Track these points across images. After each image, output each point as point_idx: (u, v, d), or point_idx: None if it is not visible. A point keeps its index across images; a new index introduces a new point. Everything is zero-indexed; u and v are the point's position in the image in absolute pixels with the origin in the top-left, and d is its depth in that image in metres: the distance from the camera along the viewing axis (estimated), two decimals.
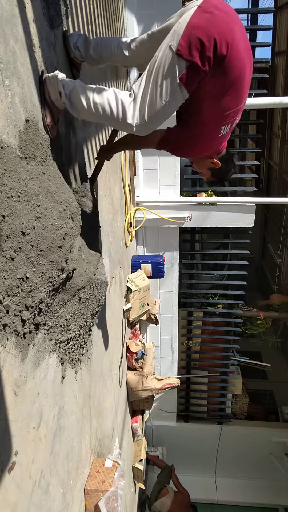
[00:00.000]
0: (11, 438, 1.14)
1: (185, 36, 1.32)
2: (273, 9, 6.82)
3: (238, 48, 1.35)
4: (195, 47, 1.31)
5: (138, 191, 3.95)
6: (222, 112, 1.46)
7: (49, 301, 1.34)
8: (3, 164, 1.05)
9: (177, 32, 1.35)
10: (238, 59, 1.36)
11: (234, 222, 4.06)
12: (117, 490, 2.02)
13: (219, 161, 1.70)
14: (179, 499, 4.46)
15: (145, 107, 1.43)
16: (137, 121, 1.46)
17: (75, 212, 1.47)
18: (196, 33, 1.31)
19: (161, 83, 1.38)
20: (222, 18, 1.33)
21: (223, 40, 1.31)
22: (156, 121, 1.47)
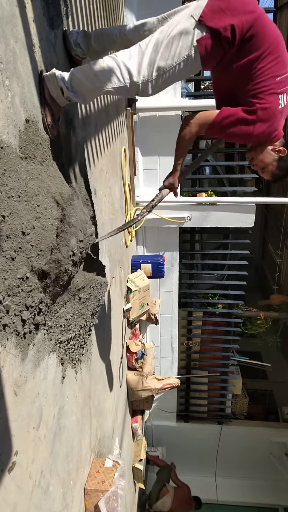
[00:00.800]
0: (11, 438, 1.14)
1: (209, 5, 1.32)
2: (273, 9, 6.83)
3: (265, 19, 1.34)
4: (218, 16, 1.30)
5: (138, 191, 3.95)
6: (273, 78, 1.36)
7: (49, 301, 1.34)
8: (3, 164, 1.05)
9: (201, 5, 1.34)
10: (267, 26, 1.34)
11: (234, 222, 4.06)
12: (117, 490, 2.02)
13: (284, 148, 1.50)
14: (179, 495, 4.49)
15: (154, 63, 1.37)
16: (143, 78, 1.39)
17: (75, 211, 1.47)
18: (220, 4, 1.31)
19: (177, 44, 1.34)
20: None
21: (248, 10, 1.31)
22: (164, 81, 1.41)
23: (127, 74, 1.39)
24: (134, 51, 1.40)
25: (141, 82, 1.39)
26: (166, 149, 3.80)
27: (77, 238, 1.46)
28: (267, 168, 1.55)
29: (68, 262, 1.39)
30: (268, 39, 1.34)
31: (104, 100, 2.50)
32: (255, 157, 1.56)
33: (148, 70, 1.38)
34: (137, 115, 3.59)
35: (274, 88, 1.37)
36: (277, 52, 1.35)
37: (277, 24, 7.76)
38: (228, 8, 1.31)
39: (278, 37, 1.38)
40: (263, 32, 1.32)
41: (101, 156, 2.43)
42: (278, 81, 1.36)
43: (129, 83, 1.40)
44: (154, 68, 1.37)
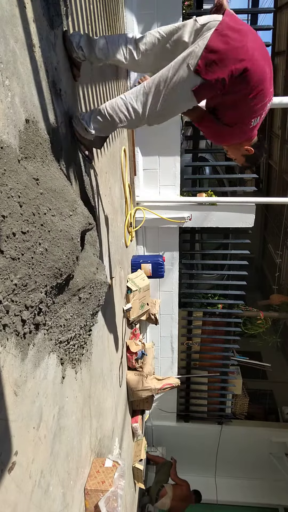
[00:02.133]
0: (11, 438, 1.14)
1: (203, 58, 1.50)
2: (273, 9, 6.83)
3: (255, 59, 1.51)
4: (211, 69, 1.50)
5: (138, 191, 3.95)
6: (250, 109, 1.61)
7: (49, 301, 1.34)
8: (3, 164, 1.05)
9: (196, 53, 1.52)
10: (256, 68, 1.52)
11: (234, 222, 4.06)
12: (117, 490, 2.02)
13: (252, 148, 1.82)
14: (177, 494, 4.50)
15: (157, 105, 1.63)
16: (149, 116, 1.66)
17: (75, 210, 1.47)
18: (213, 57, 1.49)
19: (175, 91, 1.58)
20: (236, 38, 1.50)
21: (238, 60, 1.48)
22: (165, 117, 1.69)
23: (134, 114, 1.67)
24: (139, 93, 1.65)
25: (147, 118, 1.68)
26: (166, 149, 3.81)
27: (77, 238, 1.46)
28: (238, 159, 1.95)
29: (70, 261, 1.39)
30: (254, 79, 1.53)
31: (104, 100, 2.50)
32: (229, 150, 1.94)
33: (152, 109, 1.65)
34: None
35: (250, 115, 1.64)
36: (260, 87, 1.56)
37: (277, 24, 7.76)
38: (220, 60, 1.49)
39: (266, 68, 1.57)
40: (250, 75, 1.51)
41: (101, 156, 2.43)
42: (255, 109, 1.63)
43: (136, 120, 1.70)
44: (157, 108, 1.64)
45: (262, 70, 1.55)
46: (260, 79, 1.55)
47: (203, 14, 1.80)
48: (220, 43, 1.49)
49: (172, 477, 4.76)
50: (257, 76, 1.53)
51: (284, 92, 7.23)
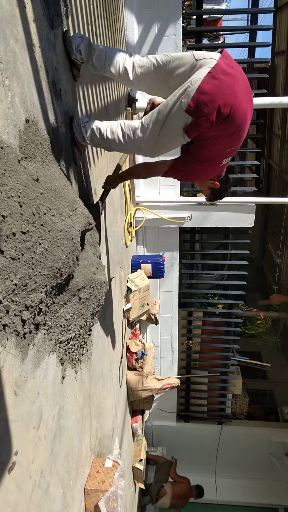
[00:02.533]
0: (11, 438, 1.14)
1: (194, 99, 1.59)
2: (273, 9, 6.83)
3: (240, 105, 1.61)
4: (201, 110, 1.58)
5: (138, 191, 3.95)
6: (224, 150, 1.73)
7: (49, 301, 1.34)
8: (3, 164, 1.05)
9: (189, 93, 1.60)
10: (239, 115, 1.62)
11: (234, 222, 4.06)
12: (117, 490, 2.02)
13: (218, 183, 1.93)
14: (177, 491, 4.52)
15: (153, 139, 1.75)
16: (145, 148, 1.80)
17: (75, 210, 1.47)
18: (203, 98, 1.57)
19: (169, 126, 1.69)
20: (227, 83, 1.58)
21: (226, 104, 1.57)
22: (161, 150, 1.82)
23: (130, 144, 1.80)
24: (137, 127, 1.77)
25: (143, 149, 1.81)
26: None
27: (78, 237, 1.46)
28: (204, 191, 2.04)
29: (70, 261, 1.39)
30: (235, 123, 1.63)
31: (104, 100, 2.50)
32: (197, 184, 2.06)
33: (147, 143, 1.78)
34: (137, 115, 3.59)
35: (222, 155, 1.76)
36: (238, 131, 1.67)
37: (277, 24, 7.76)
38: (210, 101, 1.57)
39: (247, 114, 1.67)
40: (232, 119, 1.61)
41: (101, 156, 2.43)
42: (228, 151, 1.74)
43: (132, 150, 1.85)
44: (153, 143, 1.77)
45: (244, 115, 1.66)
46: (241, 123, 1.66)
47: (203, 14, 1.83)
48: (211, 86, 1.57)
49: (171, 475, 4.76)
50: (239, 119, 1.64)
51: (284, 92, 7.23)
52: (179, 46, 3.46)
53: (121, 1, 3.08)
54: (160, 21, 3.38)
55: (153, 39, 3.44)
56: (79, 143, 1.82)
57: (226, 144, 1.71)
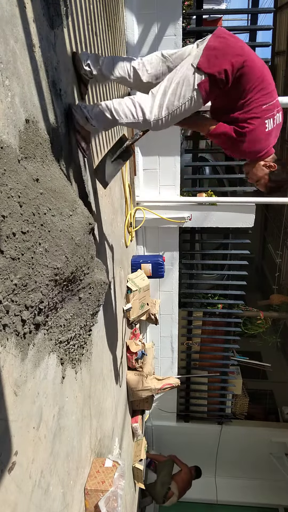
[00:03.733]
0: (11, 438, 1.14)
1: (204, 55, 1.58)
2: (273, 9, 6.82)
3: (252, 59, 1.59)
4: (213, 62, 1.56)
5: (138, 191, 3.95)
6: (260, 107, 1.61)
7: (49, 301, 1.34)
8: (3, 164, 1.05)
9: (198, 54, 1.61)
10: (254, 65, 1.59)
11: (234, 222, 4.06)
12: (117, 490, 2.02)
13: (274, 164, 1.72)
14: (181, 485, 4.53)
15: (163, 105, 1.65)
16: (155, 117, 1.68)
17: (75, 210, 1.47)
18: (213, 52, 1.58)
19: (181, 89, 1.61)
20: (233, 41, 1.61)
21: (237, 54, 1.56)
22: (172, 119, 1.69)
23: (141, 113, 1.68)
24: (148, 96, 1.70)
25: (153, 120, 1.69)
26: (166, 149, 3.80)
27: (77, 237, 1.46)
28: (260, 181, 1.79)
29: (70, 261, 1.39)
30: (255, 75, 1.59)
31: (104, 100, 2.50)
32: (249, 171, 1.80)
33: (158, 110, 1.67)
34: None
35: (261, 115, 1.63)
36: (263, 86, 1.62)
37: (277, 24, 7.76)
38: (220, 55, 1.56)
39: (264, 71, 1.63)
40: (250, 70, 1.57)
41: (101, 156, 2.42)
42: (265, 108, 1.62)
43: (142, 120, 1.70)
44: (163, 109, 1.66)
45: (261, 70, 1.61)
46: (260, 77, 1.60)
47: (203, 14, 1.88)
48: (218, 42, 1.59)
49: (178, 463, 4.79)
50: (256, 73, 1.59)
51: (284, 92, 7.23)
52: (179, 46, 3.45)
53: (121, 1, 3.08)
54: (160, 21, 3.38)
55: (153, 39, 3.44)
56: (82, 128, 1.72)
57: (258, 98, 1.60)
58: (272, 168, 1.73)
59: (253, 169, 1.77)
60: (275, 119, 1.67)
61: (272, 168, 1.73)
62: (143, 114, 1.68)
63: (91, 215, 1.67)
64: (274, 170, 1.73)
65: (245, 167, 1.83)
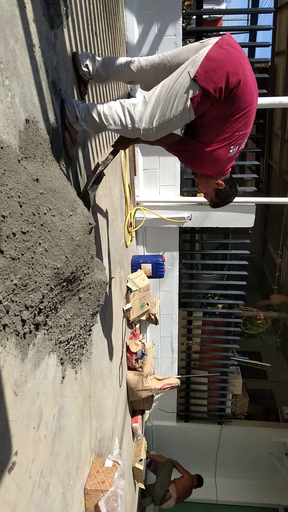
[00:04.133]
0: (11, 438, 1.14)
1: (202, 66, 1.52)
2: (273, 9, 6.83)
3: (248, 81, 1.55)
4: (210, 76, 1.51)
5: (138, 191, 3.95)
6: (233, 132, 1.62)
7: (50, 301, 1.34)
8: (3, 164, 1.05)
9: (196, 61, 1.54)
10: (247, 89, 1.55)
11: (234, 222, 4.06)
12: (117, 490, 2.02)
13: (223, 183, 1.80)
14: (180, 490, 4.52)
15: (155, 115, 1.60)
16: (145, 125, 1.63)
17: (75, 210, 1.47)
18: (212, 64, 1.51)
19: (174, 99, 1.57)
20: (235, 54, 1.54)
21: (235, 73, 1.51)
22: (162, 130, 1.65)
23: (129, 120, 1.64)
24: (139, 101, 1.63)
25: (142, 128, 1.64)
26: None
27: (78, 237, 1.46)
28: (208, 194, 1.90)
29: (70, 261, 1.39)
30: (244, 100, 1.56)
31: (104, 100, 2.50)
32: (200, 182, 1.89)
33: (149, 119, 1.62)
34: None
35: (231, 140, 1.64)
36: (248, 112, 1.60)
37: (277, 24, 7.76)
38: (218, 68, 1.50)
39: (253, 98, 1.61)
40: (241, 94, 1.55)
41: (101, 156, 2.43)
42: (236, 135, 1.63)
43: (131, 128, 1.65)
44: (154, 119, 1.61)
45: (252, 93, 1.59)
46: (249, 101, 1.58)
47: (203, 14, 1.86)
48: (219, 54, 1.53)
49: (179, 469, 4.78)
50: (247, 96, 1.56)
51: (284, 92, 7.23)
52: (179, 46, 3.46)
53: (121, 1, 3.08)
54: (160, 21, 3.38)
55: (153, 39, 3.45)
56: (71, 127, 1.66)
57: (235, 126, 1.60)
58: (220, 187, 1.82)
59: (204, 183, 1.85)
60: (242, 145, 1.71)
61: (220, 187, 1.82)
62: (132, 122, 1.63)
63: (91, 215, 1.67)
64: (221, 188, 1.82)
65: (196, 178, 1.91)
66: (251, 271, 7.03)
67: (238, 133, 1.63)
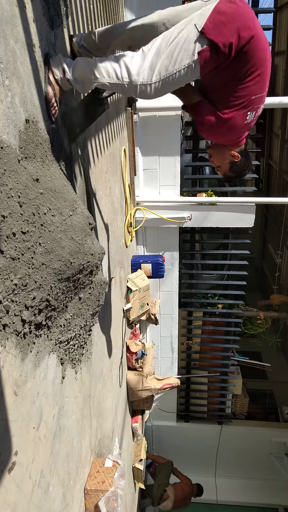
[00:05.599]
0: (11, 438, 1.14)
1: (211, 19, 1.38)
2: (273, 9, 6.83)
3: (260, 37, 1.42)
4: (219, 30, 1.37)
5: (138, 191, 3.95)
6: (249, 95, 1.49)
7: (50, 301, 1.34)
8: (3, 164, 1.05)
9: (204, 14, 1.40)
10: (261, 45, 1.43)
11: (234, 222, 4.06)
12: (117, 490, 2.02)
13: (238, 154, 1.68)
14: (179, 493, 4.53)
15: (155, 68, 1.42)
16: (143, 81, 1.44)
17: (75, 210, 1.47)
18: (221, 18, 1.38)
19: (179, 52, 1.40)
20: (245, 9, 1.42)
21: (246, 27, 1.39)
22: (163, 87, 1.47)
23: (126, 73, 1.43)
24: (137, 53, 1.45)
25: (140, 83, 1.45)
26: (166, 149, 3.81)
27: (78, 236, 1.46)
28: (222, 167, 1.76)
29: (70, 261, 1.39)
30: (258, 58, 1.44)
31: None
32: (213, 154, 1.75)
33: (148, 73, 1.43)
34: (137, 115, 3.59)
35: (247, 104, 1.51)
36: (262, 72, 1.48)
37: (277, 24, 7.76)
38: (228, 22, 1.38)
39: (267, 56, 1.49)
40: (255, 50, 1.42)
41: (101, 156, 2.43)
42: (253, 99, 1.51)
43: (127, 83, 1.45)
44: (154, 72, 1.43)
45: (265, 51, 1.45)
46: (263, 60, 1.45)
47: None
48: (229, 8, 1.39)
49: (176, 474, 4.79)
50: (261, 54, 1.43)
51: (284, 92, 7.23)
52: None
53: (121, 1, 3.08)
54: None
55: None
56: (56, 83, 1.44)
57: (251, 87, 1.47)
58: (236, 159, 1.70)
59: (218, 154, 1.72)
60: (258, 111, 1.59)
61: (236, 159, 1.70)
62: (128, 74, 1.43)
63: (91, 215, 1.67)
64: (237, 160, 1.70)
65: (209, 150, 1.77)
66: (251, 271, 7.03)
67: (254, 96, 1.50)
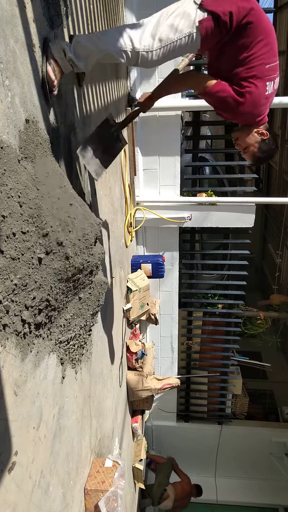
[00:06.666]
0: (11, 438, 1.14)
1: None
2: (273, 9, 6.84)
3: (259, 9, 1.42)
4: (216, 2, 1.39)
5: (138, 191, 3.95)
6: (263, 65, 1.46)
7: (50, 301, 1.34)
8: (3, 164, 1.05)
9: None
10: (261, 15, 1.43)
11: (234, 222, 4.06)
12: (117, 490, 2.02)
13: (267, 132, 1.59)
14: (179, 492, 4.53)
15: (156, 37, 1.45)
16: (145, 48, 1.46)
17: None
18: None
19: (179, 21, 1.43)
20: None
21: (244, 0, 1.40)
22: (165, 54, 1.49)
23: (129, 41, 1.47)
24: (137, 24, 1.50)
25: (141, 51, 1.47)
26: (166, 149, 3.80)
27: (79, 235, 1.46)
28: (249, 148, 1.65)
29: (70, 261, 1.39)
30: (261, 28, 1.43)
31: (104, 100, 2.50)
32: (240, 136, 1.65)
33: (149, 40, 1.46)
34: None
35: (263, 75, 1.47)
36: (268, 41, 1.46)
37: (277, 24, 7.76)
38: None
39: (270, 26, 1.48)
40: (257, 21, 1.41)
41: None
42: (267, 68, 1.47)
43: (130, 50, 1.48)
44: (155, 39, 1.46)
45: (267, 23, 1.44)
46: (266, 29, 1.43)
47: None
48: None
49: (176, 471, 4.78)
50: (263, 24, 1.42)
51: (284, 92, 7.23)
52: None
53: (121, 1, 3.08)
54: None
55: None
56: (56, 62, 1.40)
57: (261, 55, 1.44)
58: (265, 136, 1.59)
59: (245, 135, 1.62)
60: (275, 82, 1.53)
61: (265, 136, 1.59)
62: (131, 42, 1.45)
63: (91, 215, 1.67)
64: (265, 138, 1.60)
65: (234, 133, 1.69)
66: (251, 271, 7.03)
67: (267, 65, 1.46)
